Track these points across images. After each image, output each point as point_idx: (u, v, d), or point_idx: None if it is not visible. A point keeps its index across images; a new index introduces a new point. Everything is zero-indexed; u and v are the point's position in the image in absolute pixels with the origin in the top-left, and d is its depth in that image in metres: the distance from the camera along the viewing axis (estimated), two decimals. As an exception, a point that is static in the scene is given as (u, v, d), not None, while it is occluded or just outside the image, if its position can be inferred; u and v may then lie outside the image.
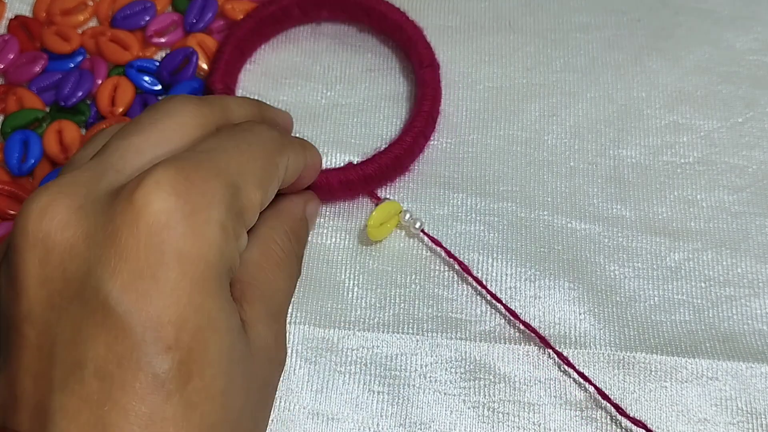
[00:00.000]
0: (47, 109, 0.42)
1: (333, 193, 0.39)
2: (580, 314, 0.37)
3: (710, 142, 0.41)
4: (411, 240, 0.39)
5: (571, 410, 0.35)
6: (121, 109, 0.41)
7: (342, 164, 0.41)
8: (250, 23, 0.43)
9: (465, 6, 0.46)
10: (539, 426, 0.34)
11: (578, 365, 0.35)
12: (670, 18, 0.45)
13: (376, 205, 0.39)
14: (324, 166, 0.40)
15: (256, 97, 0.43)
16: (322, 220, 0.39)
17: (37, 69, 0.43)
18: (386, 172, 0.39)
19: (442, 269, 0.38)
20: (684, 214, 0.39)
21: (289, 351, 0.36)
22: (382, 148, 0.39)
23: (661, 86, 0.43)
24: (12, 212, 0.39)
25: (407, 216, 0.38)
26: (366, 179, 0.38)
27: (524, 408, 0.35)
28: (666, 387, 0.35)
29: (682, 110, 0.42)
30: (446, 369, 0.36)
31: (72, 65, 0.43)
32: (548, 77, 0.43)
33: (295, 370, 0.36)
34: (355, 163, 0.39)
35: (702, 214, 0.39)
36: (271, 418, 0.35)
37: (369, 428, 0.35)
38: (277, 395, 0.35)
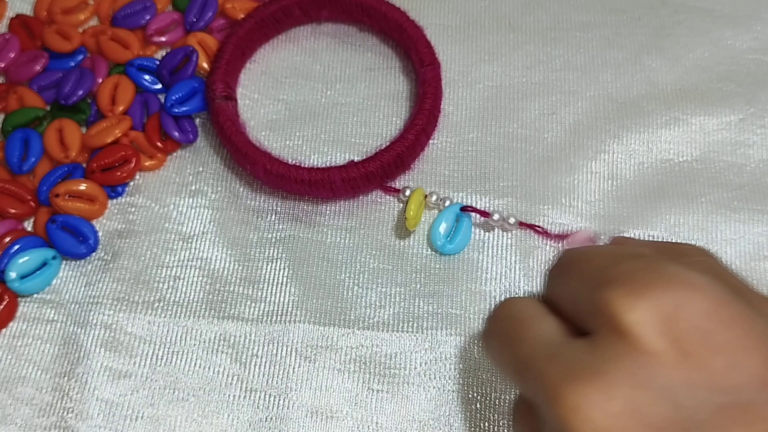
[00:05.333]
0: (48, 108, 0.42)
1: (335, 191, 0.39)
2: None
3: (709, 140, 0.41)
4: (411, 239, 0.39)
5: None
6: (121, 108, 0.42)
7: (342, 162, 0.41)
8: (251, 23, 0.43)
9: (465, 5, 0.46)
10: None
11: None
12: (669, 17, 0.45)
13: (397, 195, 0.39)
14: (324, 165, 0.41)
15: (255, 96, 0.43)
16: (322, 219, 0.39)
17: (38, 68, 0.43)
18: (388, 169, 0.39)
19: (443, 266, 0.38)
20: (682, 211, 0.39)
21: (288, 349, 0.36)
22: (383, 147, 0.39)
23: (661, 84, 0.43)
24: (13, 210, 0.39)
25: (434, 197, 0.39)
26: (368, 177, 0.39)
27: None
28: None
29: (681, 108, 0.42)
30: (446, 366, 0.36)
31: (72, 64, 0.43)
32: (548, 76, 0.43)
33: (294, 368, 0.36)
34: (357, 161, 0.39)
35: (700, 211, 0.39)
36: (269, 416, 0.35)
37: (368, 426, 0.35)
38: (275, 393, 0.35)
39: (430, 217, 0.39)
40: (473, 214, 0.38)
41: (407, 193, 0.39)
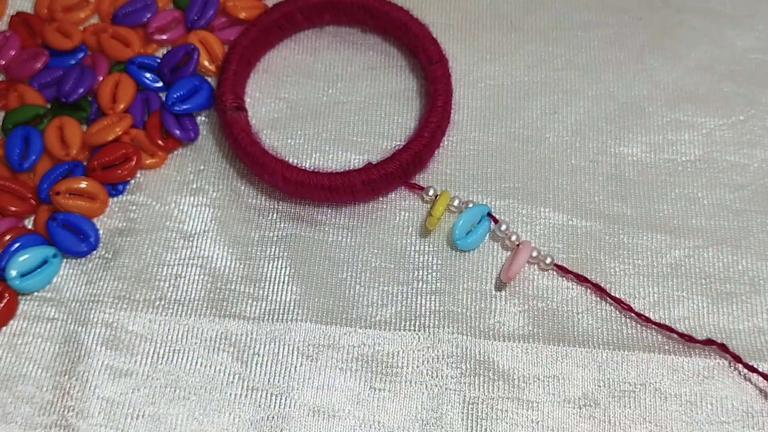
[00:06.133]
0: (48, 106, 0.42)
1: (356, 195, 0.39)
2: (578, 312, 0.37)
3: (711, 139, 0.41)
4: (413, 237, 0.39)
5: (569, 408, 0.35)
6: (122, 106, 0.41)
7: (344, 161, 0.41)
8: (255, 32, 0.43)
9: (466, 4, 0.46)
10: (537, 423, 0.34)
11: (576, 364, 0.35)
12: (671, 16, 0.45)
13: (420, 193, 0.39)
14: (326, 164, 0.41)
15: (257, 95, 0.43)
16: (324, 217, 0.39)
17: (39, 65, 0.43)
18: (407, 169, 0.39)
19: (445, 264, 0.38)
20: (685, 211, 0.39)
21: (290, 347, 0.36)
22: (400, 146, 0.39)
23: (663, 84, 0.43)
24: (13, 208, 0.39)
25: (457, 202, 0.39)
26: (388, 178, 0.38)
27: (523, 405, 0.35)
28: (663, 387, 0.35)
29: (683, 108, 0.42)
30: (447, 365, 0.36)
31: (73, 62, 0.43)
32: (550, 75, 0.43)
33: (296, 366, 0.36)
34: (375, 162, 0.39)
35: (703, 212, 0.39)
36: (271, 415, 0.35)
37: (370, 425, 0.35)
38: (278, 392, 0.35)
39: (443, 221, 0.39)
40: (489, 218, 0.38)
41: (431, 192, 0.39)
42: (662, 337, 0.36)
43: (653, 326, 0.36)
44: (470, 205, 0.39)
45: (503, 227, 0.38)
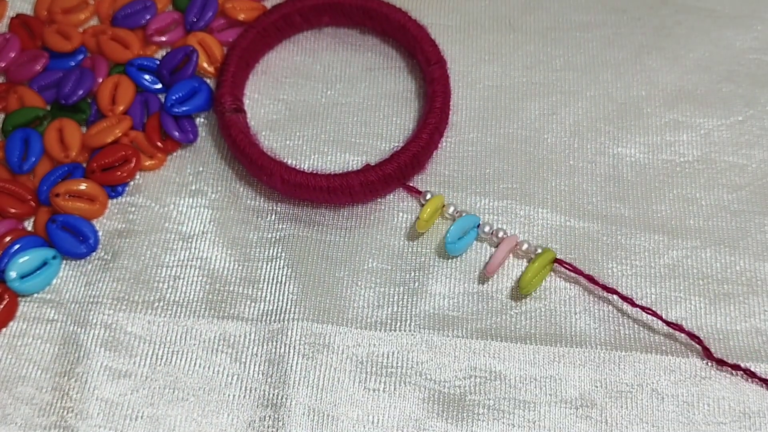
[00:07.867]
0: (48, 108, 0.42)
1: (354, 196, 0.39)
2: (575, 313, 0.37)
3: (710, 140, 0.41)
4: (409, 239, 0.39)
5: (566, 408, 0.35)
6: (121, 108, 0.42)
7: (342, 163, 0.41)
8: (253, 33, 0.43)
9: (465, 5, 0.46)
10: (534, 424, 0.34)
11: (573, 364, 0.35)
12: (670, 16, 0.45)
13: (417, 197, 0.39)
14: (324, 165, 0.41)
15: (255, 96, 0.43)
16: (322, 218, 0.40)
17: (38, 67, 0.43)
18: (405, 170, 0.39)
19: (441, 266, 0.38)
20: (683, 212, 0.39)
21: (287, 347, 0.36)
22: (398, 148, 0.39)
23: (661, 85, 0.43)
24: (13, 210, 0.39)
25: (452, 209, 0.39)
26: (386, 179, 0.38)
27: (519, 406, 0.35)
28: (660, 387, 0.35)
29: (681, 109, 0.42)
30: (442, 367, 0.36)
31: (73, 64, 0.43)
32: (548, 76, 0.43)
33: (292, 366, 0.36)
34: (373, 164, 0.39)
35: (701, 212, 0.39)
36: (268, 415, 0.35)
37: (365, 426, 0.35)
38: (274, 392, 0.35)
39: (440, 225, 0.39)
40: (478, 228, 0.38)
41: (428, 197, 0.39)
42: (660, 338, 0.36)
43: (639, 309, 0.36)
44: (463, 215, 0.39)
45: (486, 228, 0.38)
